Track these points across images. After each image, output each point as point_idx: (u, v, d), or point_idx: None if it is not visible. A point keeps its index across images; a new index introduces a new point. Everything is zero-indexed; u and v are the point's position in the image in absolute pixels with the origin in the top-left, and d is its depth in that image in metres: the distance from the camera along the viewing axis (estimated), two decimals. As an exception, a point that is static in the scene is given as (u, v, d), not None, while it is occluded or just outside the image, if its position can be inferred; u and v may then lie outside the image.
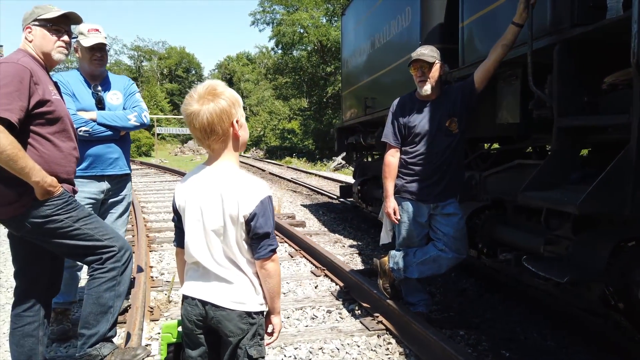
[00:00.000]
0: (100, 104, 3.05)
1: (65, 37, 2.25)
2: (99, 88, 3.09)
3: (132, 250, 2.40)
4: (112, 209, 3.15)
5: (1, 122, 1.88)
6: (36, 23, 2.19)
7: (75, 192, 2.28)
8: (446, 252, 3.08)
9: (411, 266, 3.15)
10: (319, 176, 15.74)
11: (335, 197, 9.70)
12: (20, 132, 1.99)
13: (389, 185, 3.16)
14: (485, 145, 4.93)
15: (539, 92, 2.77)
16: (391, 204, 3.13)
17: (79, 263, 2.31)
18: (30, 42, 2.19)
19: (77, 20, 2.30)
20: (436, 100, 3.09)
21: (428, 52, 3.05)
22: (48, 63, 2.25)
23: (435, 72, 3.05)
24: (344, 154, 8.65)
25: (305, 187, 12.35)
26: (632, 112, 2.13)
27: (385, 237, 3.40)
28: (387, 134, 3.21)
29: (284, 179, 14.64)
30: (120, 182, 3.15)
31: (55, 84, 2.26)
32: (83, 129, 2.88)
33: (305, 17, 30.38)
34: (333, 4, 29.20)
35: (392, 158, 3.18)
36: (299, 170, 19.29)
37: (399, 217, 3.14)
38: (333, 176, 15.63)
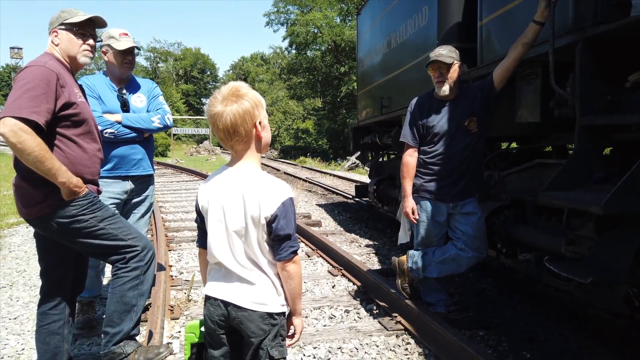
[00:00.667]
0: (125, 107, 3.12)
1: (91, 41, 2.30)
2: (124, 91, 3.15)
3: (154, 250, 2.43)
4: (135, 209, 3.22)
5: (29, 124, 1.92)
6: (62, 27, 2.23)
7: (99, 192, 2.31)
8: (466, 251, 3.06)
9: (430, 265, 3.14)
10: (334, 176, 15.75)
11: (351, 196, 9.69)
12: (47, 134, 2.03)
13: (408, 185, 3.15)
14: (504, 144, 4.89)
15: (560, 91, 2.74)
16: (410, 203, 3.12)
17: (103, 262, 2.35)
18: (57, 45, 2.23)
19: (102, 24, 2.34)
20: (455, 100, 3.08)
21: (446, 53, 3.03)
22: (74, 66, 2.30)
23: (453, 72, 3.04)
24: (358, 153, 8.68)
25: (320, 186, 12.36)
26: (657, 110, 2.10)
27: (403, 237, 3.40)
28: (406, 134, 3.20)
29: (299, 178, 14.67)
30: (143, 182, 3.22)
31: (80, 87, 2.30)
32: (108, 130, 2.96)
33: (319, 17, 30.40)
34: (347, 4, 29.18)
35: (411, 158, 3.17)
36: (313, 169, 19.32)
37: (417, 217, 3.14)
38: (347, 176, 15.63)
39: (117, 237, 2.25)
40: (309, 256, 5.00)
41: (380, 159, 7.58)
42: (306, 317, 3.42)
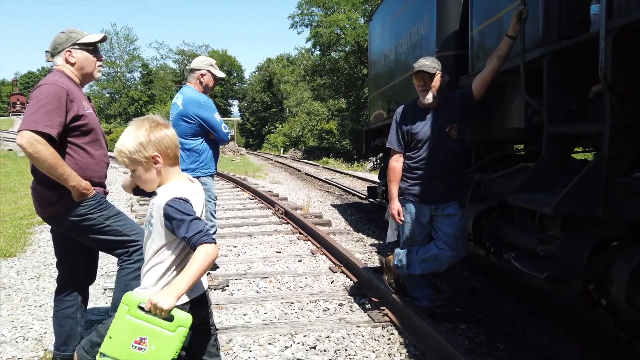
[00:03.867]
0: None
1: (101, 57, 2.64)
2: None
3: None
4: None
5: (43, 136, 2.24)
6: (77, 47, 2.55)
7: (106, 193, 2.63)
8: (446, 251, 3.27)
9: (414, 263, 3.37)
10: (354, 177, 15.96)
11: (364, 197, 9.91)
12: (59, 143, 2.35)
13: (394, 188, 3.38)
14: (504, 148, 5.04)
15: (531, 101, 2.94)
16: (395, 205, 3.35)
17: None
18: (73, 64, 2.55)
19: (104, 41, 2.70)
20: (437, 108, 3.29)
21: (429, 64, 3.23)
22: (85, 81, 2.62)
23: (436, 82, 3.24)
24: (381, 155, 8.89)
25: (338, 187, 12.61)
26: (604, 120, 2.28)
27: (391, 236, 3.63)
28: (392, 140, 3.43)
29: (318, 179, 14.95)
30: None
31: (89, 99, 2.62)
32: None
33: (342, 18, 30.65)
34: (371, 5, 29.32)
35: (396, 163, 3.40)
36: (334, 170, 19.58)
37: (402, 218, 3.36)
38: (368, 177, 15.81)
39: (122, 233, 2.56)
40: (313, 254, 5.27)
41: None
42: (302, 309, 3.69)
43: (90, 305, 3.66)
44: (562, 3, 2.72)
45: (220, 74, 4.17)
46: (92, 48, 2.58)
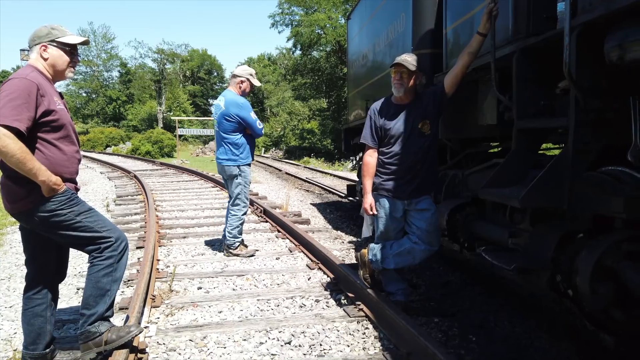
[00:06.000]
0: None
1: (77, 59, 2.61)
2: None
3: (128, 240, 2.71)
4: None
5: (12, 130, 2.20)
6: (54, 44, 2.51)
7: (77, 189, 2.60)
8: (419, 245, 3.31)
9: (388, 258, 3.40)
10: (335, 176, 15.99)
11: (344, 195, 9.94)
12: (29, 138, 2.31)
13: (367, 183, 3.41)
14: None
15: (501, 97, 2.99)
16: (368, 200, 3.38)
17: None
18: (46, 60, 2.51)
19: (86, 44, 2.66)
20: (410, 104, 3.33)
21: (411, 60, 3.25)
22: (56, 77, 2.58)
23: (412, 79, 3.27)
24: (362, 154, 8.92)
25: (318, 186, 12.62)
26: (569, 115, 2.34)
27: (366, 231, 3.66)
28: (366, 136, 3.46)
29: (299, 178, 14.94)
30: None
31: (60, 95, 2.58)
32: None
33: (322, 17, 30.67)
34: (351, 4, 29.39)
35: (370, 158, 3.43)
36: (315, 170, 19.58)
37: (375, 212, 3.39)
38: (348, 176, 15.84)
39: (92, 229, 2.53)
40: (291, 251, 5.27)
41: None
42: (278, 305, 3.69)
43: (62, 305, 3.64)
44: (531, 1, 2.77)
45: (257, 83, 5.03)
46: (69, 49, 2.55)
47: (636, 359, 2.52)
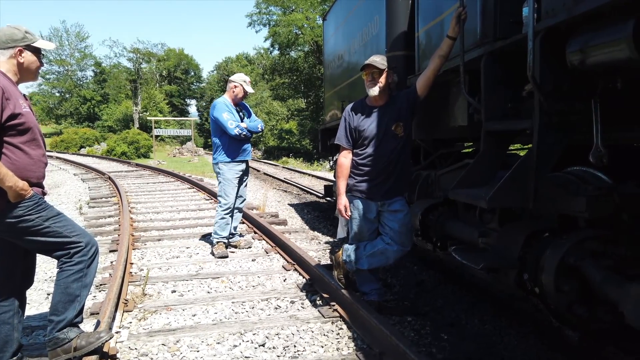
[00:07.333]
0: (241, 120, 5.26)
1: (43, 63, 2.59)
2: (239, 110, 5.34)
3: (98, 245, 2.68)
4: (244, 180, 5.41)
5: (-25, 134, 2.16)
6: (29, 49, 2.49)
7: (44, 194, 2.55)
8: (392, 245, 3.35)
9: (362, 258, 3.43)
10: (313, 176, 15.99)
11: (322, 195, 9.96)
12: (-6, 142, 2.27)
13: (342, 184, 3.44)
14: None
15: (470, 99, 3.05)
16: (342, 201, 3.41)
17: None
18: (21, 63, 2.48)
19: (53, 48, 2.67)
20: (384, 106, 3.36)
21: (379, 60, 3.31)
22: (23, 80, 2.54)
23: (383, 78, 3.32)
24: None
25: (297, 186, 12.62)
26: (533, 118, 2.41)
27: (341, 232, 3.69)
28: (340, 137, 3.48)
29: (277, 179, 14.91)
30: (247, 164, 5.41)
31: (25, 97, 2.54)
32: (243, 133, 5.11)
33: (300, 17, 30.67)
34: (328, 5, 29.47)
35: (345, 159, 3.46)
36: (294, 170, 19.55)
37: (349, 214, 3.42)
38: (327, 176, 15.86)
39: (61, 234, 2.49)
40: (267, 252, 5.27)
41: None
42: (253, 307, 3.69)
43: (32, 312, 3.57)
44: (498, 5, 2.84)
45: (250, 90, 5.29)
46: (40, 53, 2.57)
47: (598, 353, 2.60)
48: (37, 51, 2.53)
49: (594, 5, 1.96)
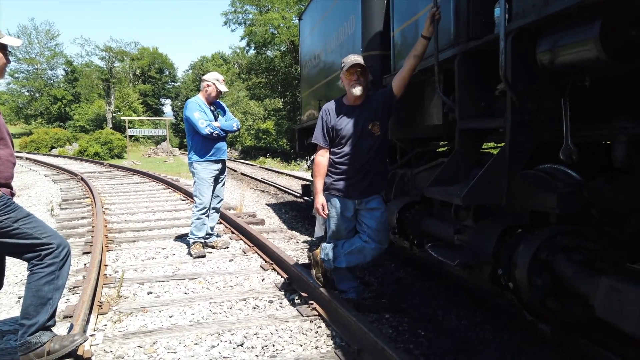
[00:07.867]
0: (215, 119, 5.24)
1: (10, 60, 2.52)
2: (213, 108, 5.30)
3: (70, 247, 2.62)
4: (220, 179, 5.38)
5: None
6: None
7: (13, 195, 2.49)
8: (369, 243, 3.38)
9: (340, 256, 3.45)
10: (290, 176, 15.97)
11: (299, 195, 9.96)
12: (-40, 142, 2.20)
13: (319, 183, 3.44)
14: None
15: (444, 98, 3.09)
16: (320, 200, 3.42)
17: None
18: None
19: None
20: (361, 105, 3.39)
21: (360, 59, 3.34)
22: None
23: (366, 76, 3.35)
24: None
25: (274, 186, 12.59)
26: (506, 117, 2.46)
27: (318, 231, 3.69)
28: (317, 136, 3.49)
29: (254, 179, 14.85)
30: (224, 163, 5.38)
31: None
32: (215, 133, 5.08)
33: (276, 17, 30.57)
34: (305, 4, 29.45)
35: (322, 158, 3.46)
36: (271, 170, 19.49)
37: (327, 212, 3.43)
38: (304, 175, 15.86)
39: (32, 236, 2.44)
40: (245, 252, 5.24)
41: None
42: (231, 308, 3.67)
43: (2, 316, 3.48)
44: (470, 6, 2.88)
45: (224, 89, 5.24)
46: (6, 50, 2.49)
47: (569, 346, 2.67)
48: (3, 48, 2.47)
49: (562, 7, 2.02)
